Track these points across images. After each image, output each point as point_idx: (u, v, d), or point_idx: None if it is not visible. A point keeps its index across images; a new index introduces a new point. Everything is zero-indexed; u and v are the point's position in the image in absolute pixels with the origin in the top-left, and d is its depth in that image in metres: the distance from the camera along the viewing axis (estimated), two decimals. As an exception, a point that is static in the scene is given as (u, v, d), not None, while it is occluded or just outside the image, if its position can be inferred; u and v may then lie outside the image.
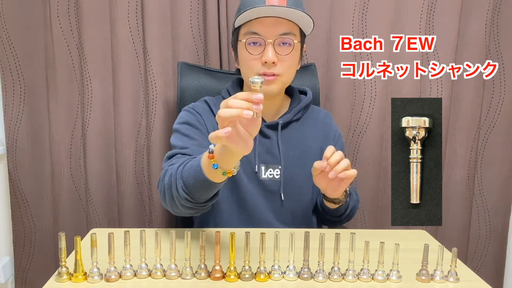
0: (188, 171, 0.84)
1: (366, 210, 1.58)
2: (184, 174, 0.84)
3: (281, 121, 1.09)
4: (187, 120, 1.08)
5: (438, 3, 1.49)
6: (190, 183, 0.83)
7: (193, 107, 1.12)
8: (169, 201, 0.90)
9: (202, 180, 0.81)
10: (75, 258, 0.74)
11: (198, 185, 0.82)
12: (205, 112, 1.11)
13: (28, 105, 1.47)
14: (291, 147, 1.09)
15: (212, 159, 0.77)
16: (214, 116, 1.08)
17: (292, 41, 1.01)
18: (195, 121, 1.08)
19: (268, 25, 0.99)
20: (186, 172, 0.84)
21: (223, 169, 0.77)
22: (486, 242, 1.67)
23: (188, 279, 0.75)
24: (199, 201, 0.85)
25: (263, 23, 0.99)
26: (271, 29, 0.99)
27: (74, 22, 1.44)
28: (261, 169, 1.07)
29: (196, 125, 1.07)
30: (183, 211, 0.91)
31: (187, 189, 0.84)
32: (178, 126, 1.08)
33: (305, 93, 1.17)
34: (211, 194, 0.85)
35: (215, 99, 1.15)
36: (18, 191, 1.51)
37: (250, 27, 1.01)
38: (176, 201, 0.88)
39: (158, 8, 1.42)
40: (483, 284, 0.78)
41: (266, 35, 0.99)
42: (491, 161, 1.62)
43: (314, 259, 0.76)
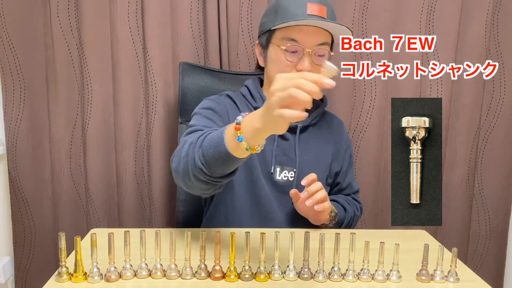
0: (209, 140, 0.79)
1: (366, 210, 1.58)
2: (205, 143, 0.80)
3: (300, 124, 1.10)
4: (211, 106, 1.06)
5: (438, 3, 1.49)
6: (209, 152, 0.78)
7: (218, 99, 1.10)
8: (183, 170, 0.84)
9: (222, 151, 0.76)
10: (75, 258, 0.74)
11: (217, 157, 0.77)
12: (230, 105, 1.09)
13: (28, 105, 1.47)
14: (306, 151, 1.10)
15: (239, 130, 0.73)
16: (238, 110, 1.08)
17: (327, 53, 1.03)
18: (219, 109, 1.06)
19: (308, 34, 0.99)
20: (207, 141, 0.80)
21: (247, 144, 0.73)
22: (486, 242, 1.67)
23: (188, 279, 0.75)
24: (214, 174, 0.81)
25: (302, 30, 0.99)
26: (310, 39, 1.00)
27: (74, 22, 1.44)
28: (276, 170, 1.08)
29: (220, 113, 1.05)
30: (195, 185, 0.85)
31: (205, 159, 0.79)
32: (201, 110, 1.04)
33: (321, 98, 1.18)
34: (228, 169, 0.80)
35: (236, 95, 1.13)
36: (18, 191, 1.51)
37: (289, 33, 1.00)
38: (190, 172, 0.82)
39: (158, 8, 1.42)
40: (483, 284, 0.78)
41: (305, 44, 1.00)
42: (491, 161, 1.62)
43: (314, 259, 0.76)
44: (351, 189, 1.20)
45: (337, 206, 1.09)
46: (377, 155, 1.55)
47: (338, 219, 1.07)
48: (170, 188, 1.51)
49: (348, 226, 1.14)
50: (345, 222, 1.11)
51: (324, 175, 1.13)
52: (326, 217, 1.04)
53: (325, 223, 1.06)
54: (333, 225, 1.08)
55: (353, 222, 1.15)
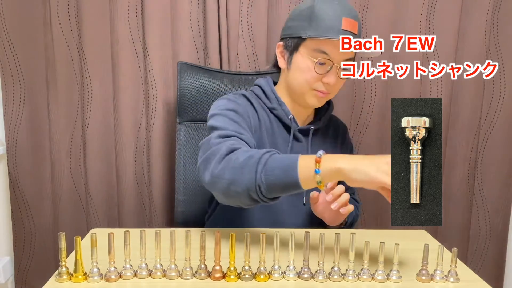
0: (278, 163, 0.80)
1: (366, 210, 1.58)
2: (271, 164, 0.80)
3: (313, 127, 1.11)
4: (233, 107, 1.03)
5: (438, 3, 1.49)
6: (274, 175, 0.79)
7: (236, 99, 1.07)
8: (232, 180, 0.82)
9: (291, 178, 0.78)
10: (75, 258, 0.74)
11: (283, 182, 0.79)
12: (247, 106, 1.08)
13: (28, 105, 1.47)
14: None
15: (318, 163, 0.76)
16: (255, 110, 1.07)
17: (352, 68, 1.03)
18: (242, 111, 1.04)
19: (339, 49, 0.98)
20: (274, 163, 0.80)
21: (321, 178, 0.77)
22: (486, 242, 1.67)
23: (188, 279, 0.75)
24: (269, 196, 0.82)
25: (334, 45, 0.99)
26: (341, 54, 1.00)
27: (74, 22, 1.44)
28: None
29: (243, 116, 1.03)
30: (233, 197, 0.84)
31: (267, 181, 0.79)
32: (224, 112, 1.01)
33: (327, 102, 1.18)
34: (285, 194, 0.82)
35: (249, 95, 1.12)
36: (18, 191, 1.51)
37: (321, 46, 1.00)
38: (238, 183, 0.81)
39: (158, 8, 1.42)
40: (483, 284, 0.78)
41: (335, 58, 1.01)
42: (491, 161, 1.62)
43: (314, 259, 0.76)
44: (351, 190, 1.21)
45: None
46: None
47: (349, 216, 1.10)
48: (169, 188, 1.51)
49: (349, 226, 1.16)
50: (348, 221, 1.13)
51: None
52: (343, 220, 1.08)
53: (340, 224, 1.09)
54: (344, 225, 1.11)
55: (354, 222, 1.17)
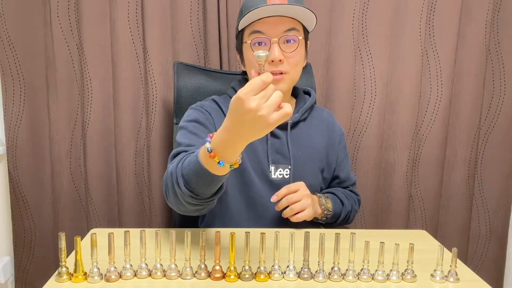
0: (187, 168, 0.81)
1: (366, 210, 1.58)
2: (184, 171, 0.81)
3: (290, 120, 1.09)
4: (196, 117, 1.06)
5: (438, 3, 1.49)
6: (192, 179, 0.79)
7: (202, 106, 1.10)
8: (173, 200, 0.87)
9: (203, 175, 0.77)
10: (75, 258, 0.73)
11: (201, 181, 0.79)
12: (214, 111, 1.09)
13: (28, 105, 1.47)
14: (299, 147, 1.10)
15: (215, 157, 0.74)
16: (224, 115, 1.07)
17: (296, 38, 1.02)
18: (204, 119, 1.06)
19: (271, 24, 0.99)
20: (185, 169, 0.81)
21: (229, 163, 0.75)
22: (486, 242, 1.67)
23: (188, 279, 0.75)
24: (204, 196, 0.82)
25: (266, 22, 0.99)
26: (275, 28, 0.99)
27: (74, 22, 1.44)
28: (271, 169, 1.08)
29: (205, 124, 1.05)
30: (189, 209, 0.87)
31: (190, 186, 0.80)
32: (186, 124, 1.05)
33: (309, 93, 1.17)
34: (216, 187, 0.81)
35: (222, 98, 1.14)
36: (18, 191, 1.51)
37: (254, 27, 1.01)
38: (180, 199, 0.84)
39: (158, 8, 1.42)
40: (483, 284, 0.78)
41: (270, 33, 1.00)
42: (491, 161, 1.62)
43: (314, 259, 0.76)
44: (349, 181, 1.20)
45: (334, 200, 1.09)
46: (377, 155, 1.55)
47: (334, 213, 1.07)
48: (170, 188, 1.51)
49: (345, 220, 1.13)
50: (342, 216, 1.11)
51: (319, 169, 1.12)
52: (318, 212, 1.04)
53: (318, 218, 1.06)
54: (326, 219, 1.07)
55: (350, 216, 1.15)
